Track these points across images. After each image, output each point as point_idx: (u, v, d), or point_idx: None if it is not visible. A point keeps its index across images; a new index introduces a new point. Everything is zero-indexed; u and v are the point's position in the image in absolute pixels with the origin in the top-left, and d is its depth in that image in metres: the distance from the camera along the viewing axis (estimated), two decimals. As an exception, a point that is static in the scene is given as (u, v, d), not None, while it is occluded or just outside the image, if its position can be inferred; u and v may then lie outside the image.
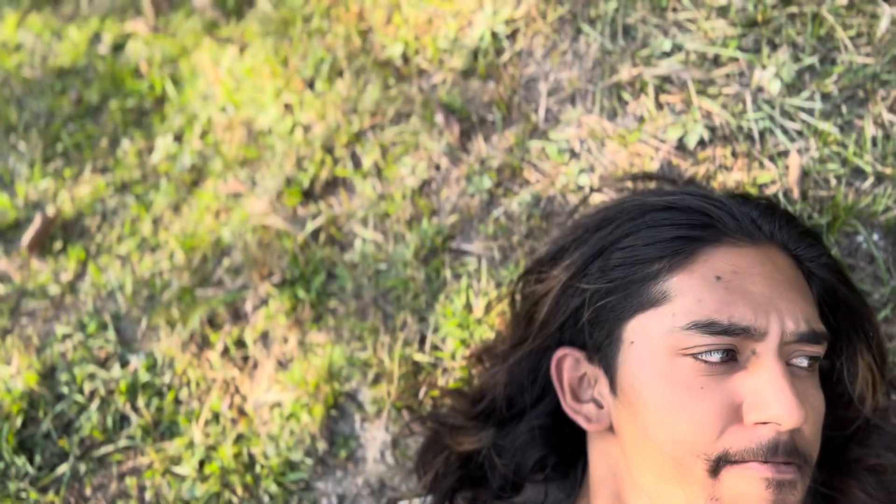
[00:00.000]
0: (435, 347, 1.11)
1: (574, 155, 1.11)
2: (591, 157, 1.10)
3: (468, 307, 1.10)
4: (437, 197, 1.18)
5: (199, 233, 1.33)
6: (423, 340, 1.12)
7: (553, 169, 1.11)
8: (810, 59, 1.05)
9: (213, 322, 1.25)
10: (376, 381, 1.11)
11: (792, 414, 0.67)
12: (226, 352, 1.22)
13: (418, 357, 1.10)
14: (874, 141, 1.02)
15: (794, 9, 1.07)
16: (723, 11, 1.09)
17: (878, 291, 0.99)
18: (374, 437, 1.11)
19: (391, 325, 1.14)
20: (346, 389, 1.13)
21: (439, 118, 1.19)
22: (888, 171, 1.00)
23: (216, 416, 1.18)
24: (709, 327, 0.70)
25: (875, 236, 1.01)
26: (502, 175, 1.13)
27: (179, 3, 1.65)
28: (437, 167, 1.19)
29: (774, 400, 0.67)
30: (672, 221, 0.77)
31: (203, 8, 1.58)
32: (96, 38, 1.69)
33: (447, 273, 1.13)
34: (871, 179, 1.00)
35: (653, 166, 1.07)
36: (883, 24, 1.04)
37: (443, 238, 1.14)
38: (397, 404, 1.08)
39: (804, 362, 0.73)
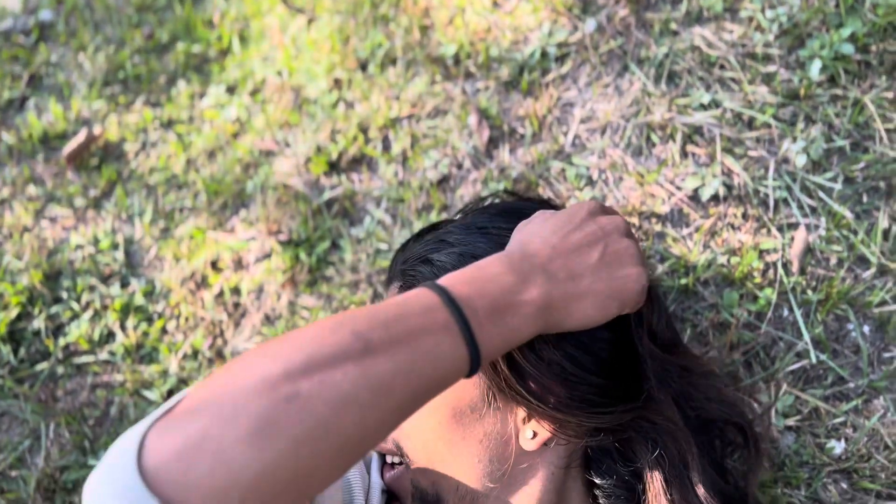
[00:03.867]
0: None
1: (590, 182, 1.13)
2: (606, 188, 1.12)
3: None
4: (452, 194, 1.21)
5: (226, 181, 1.38)
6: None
7: (567, 191, 1.13)
8: (842, 142, 1.05)
9: (215, 265, 1.29)
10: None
11: None
12: (220, 295, 1.26)
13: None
14: (885, 234, 1.01)
15: (838, 91, 1.08)
16: (768, 78, 1.11)
17: (856, 381, 0.98)
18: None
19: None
20: (320, 354, 1.16)
21: (472, 120, 1.22)
22: (893, 265, 0.99)
23: (195, 353, 1.21)
24: None
25: (866, 328, 1.00)
26: (517, 186, 1.16)
27: (265, -33, 1.72)
28: (460, 166, 1.22)
29: None
30: None
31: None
32: (181, -17, 1.76)
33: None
34: (873, 270, 1.00)
35: (663, 210, 1.08)
36: (922, 124, 1.05)
37: (447, 233, 1.17)
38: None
39: None
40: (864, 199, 1.04)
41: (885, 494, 0.93)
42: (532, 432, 0.75)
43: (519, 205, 0.87)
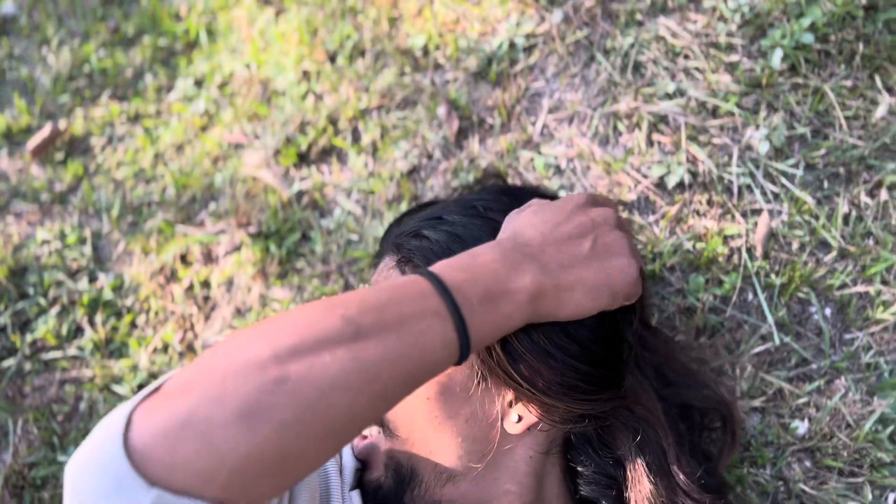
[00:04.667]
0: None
1: (559, 172, 1.14)
2: (574, 177, 1.13)
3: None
4: (422, 184, 1.21)
5: (194, 174, 1.37)
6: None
7: (536, 181, 1.14)
8: (803, 129, 1.08)
9: (185, 259, 1.28)
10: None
11: None
12: (190, 289, 1.25)
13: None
14: (846, 219, 1.04)
15: (799, 79, 1.10)
16: (731, 67, 1.12)
17: (818, 363, 1.00)
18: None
19: (349, 295, 1.17)
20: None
21: (441, 111, 1.22)
22: (852, 249, 1.02)
23: (165, 347, 1.21)
24: None
25: (827, 310, 1.03)
26: (487, 176, 1.16)
27: (232, -40, 1.70)
28: (430, 157, 1.22)
29: None
30: None
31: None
32: (147, -24, 1.74)
33: (414, 258, 1.16)
34: (834, 254, 1.02)
35: (630, 198, 1.09)
36: (879, 111, 1.07)
37: (417, 223, 1.17)
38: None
39: None
40: (825, 185, 1.06)
41: (847, 472, 0.96)
42: (518, 416, 0.76)
43: (517, 189, 0.88)
